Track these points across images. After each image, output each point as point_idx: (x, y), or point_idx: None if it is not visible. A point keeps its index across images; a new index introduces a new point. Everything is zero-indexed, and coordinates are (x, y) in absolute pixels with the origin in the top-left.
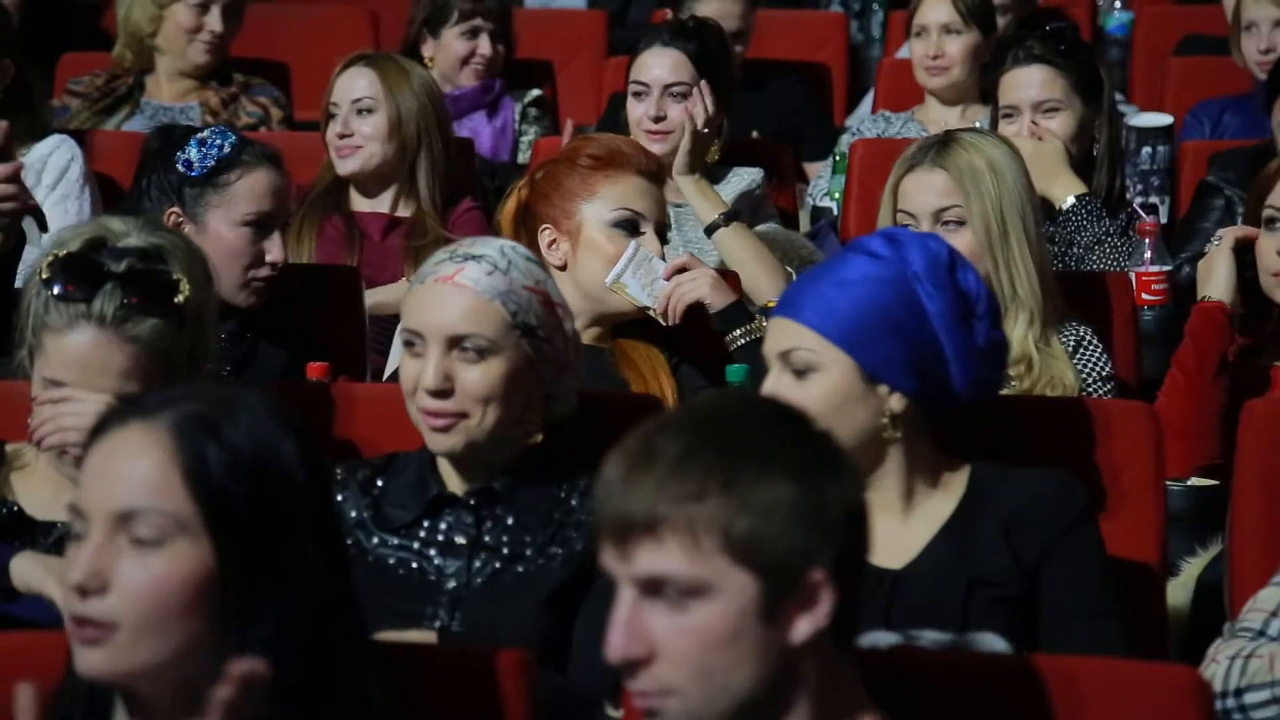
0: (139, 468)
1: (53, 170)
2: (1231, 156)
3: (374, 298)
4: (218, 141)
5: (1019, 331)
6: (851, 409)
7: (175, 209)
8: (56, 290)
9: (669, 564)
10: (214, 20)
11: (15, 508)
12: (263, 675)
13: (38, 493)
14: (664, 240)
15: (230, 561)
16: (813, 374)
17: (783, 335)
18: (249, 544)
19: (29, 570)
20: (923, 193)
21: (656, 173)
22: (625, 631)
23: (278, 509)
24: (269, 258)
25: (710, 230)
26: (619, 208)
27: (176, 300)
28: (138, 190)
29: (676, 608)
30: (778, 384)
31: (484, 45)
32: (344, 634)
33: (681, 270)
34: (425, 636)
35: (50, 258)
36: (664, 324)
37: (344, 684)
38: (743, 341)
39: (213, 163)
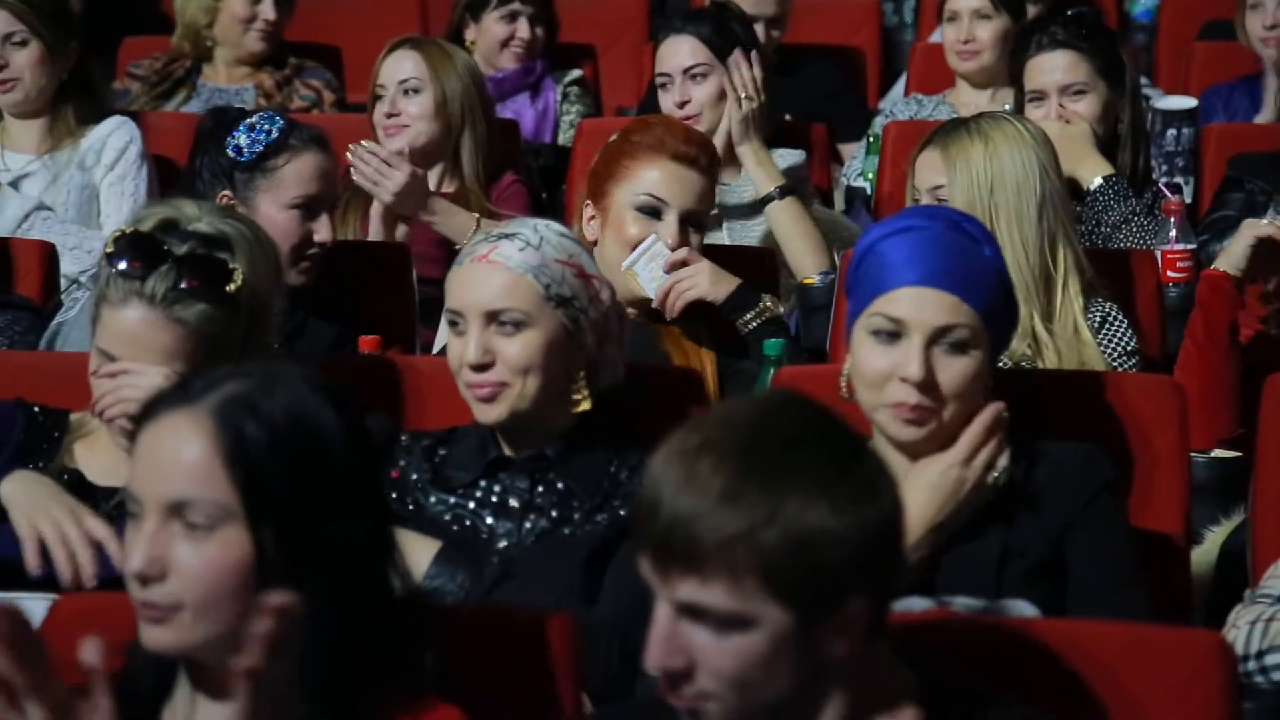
0: (185, 456)
1: (111, 150)
2: (1250, 158)
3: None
4: (266, 127)
5: None
6: (980, 386)
7: (227, 191)
8: (119, 266)
9: (710, 598)
10: (267, 9)
11: (76, 474)
12: (296, 606)
13: (100, 460)
14: (700, 228)
15: (275, 537)
16: (969, 351)
17: (941, 309)
18: (292, 518)
19: (13, 494)
20: (923, 170)
21: (695, 158)
22: (664, 645)
23: (319, 478)
24: (317, 238)
25: (764, 202)
26: (643, 192)
27: (228, 288)
28: (192, 170)
29: (715, 631)
30: (926, 356)
31: (522, 29)
32: (391, 597)
33: (681, 265)
34: (427, 544)
35: (118, 233)
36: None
37: (395, 646)
38: (755, 325)
39: (261, 148)
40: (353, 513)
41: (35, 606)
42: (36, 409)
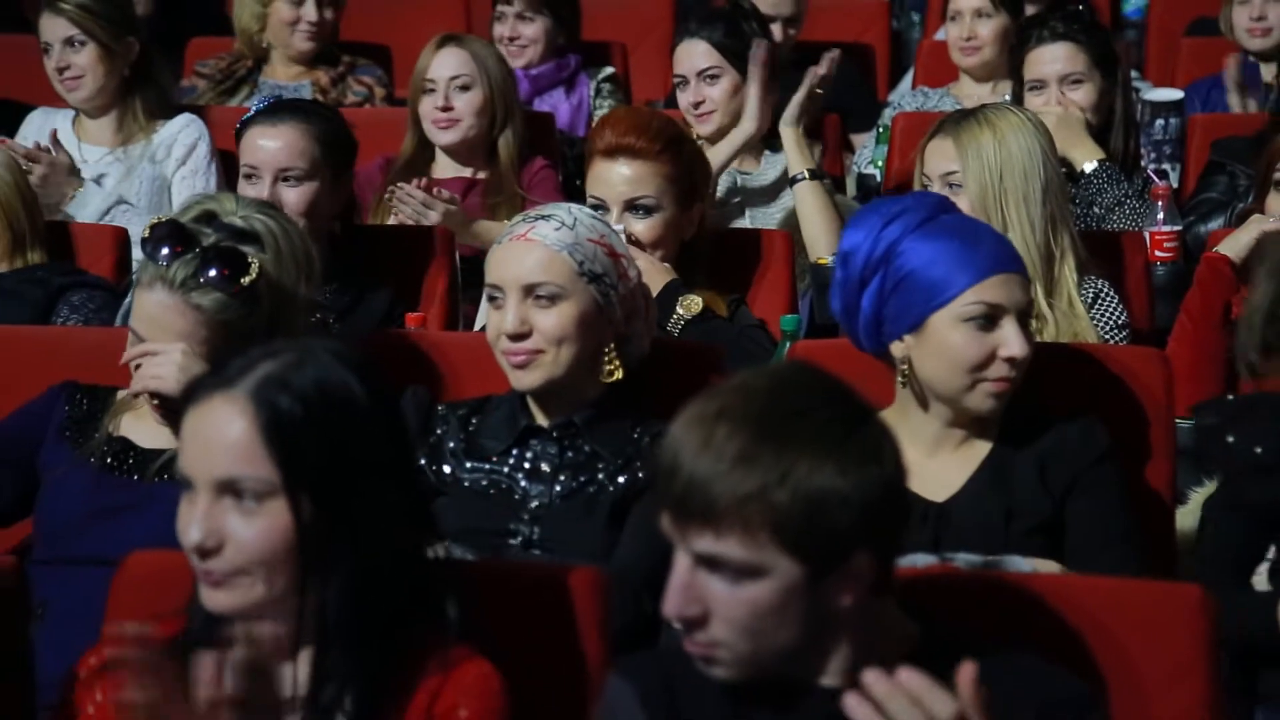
0: (229, 437)
1: (181, 146)
2: (1231, 142)
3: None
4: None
5: None
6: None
7: None
8: (147, 250)
9: (725, 550)
10: (309, 10)
11: (123, 440)
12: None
13: (146, 426)
14: (649, 210)
15: (313, 503)
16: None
17: (1020, 288)
18: (327, 485)
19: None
20: (934, 158)
21: (624, 147)
22: (682, 594)
23: (351, 446)
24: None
25: (794, 181)
26: (589, 194)
27: (244, 280)
28: None
29: (730, 581)
30: (1020, 332)
31: (509, 27)
32: (420, 555)
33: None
34: None
35: (155, 221)
36: None
37: (427, 601)
38: (687, 320)
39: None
40: (383, 476)
41: None
42: (80, 392)
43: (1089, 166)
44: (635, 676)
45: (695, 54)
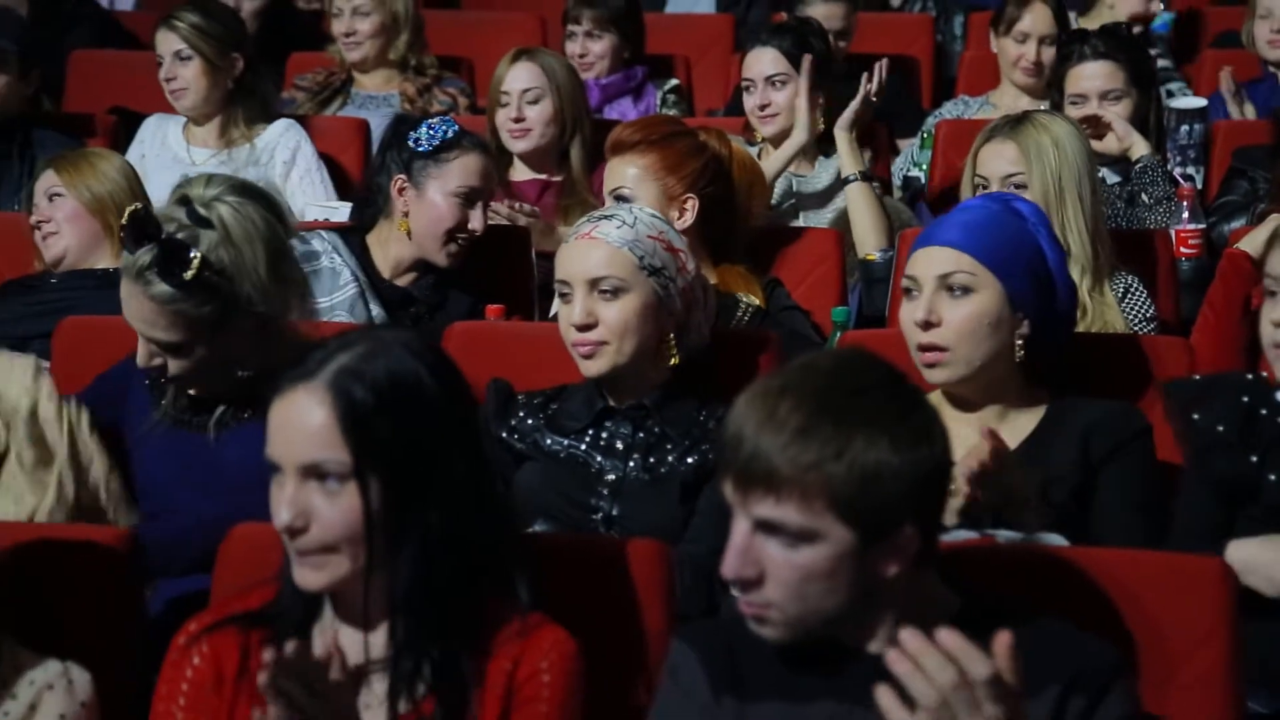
0: (311, 424)
1: (284, 149)
2: (1251, 151)
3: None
4: (443, 127)
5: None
6: (995, 330)
7: (402, 176)
8: (123, 238)
9: (783, 515)
10: (341, 25)
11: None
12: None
13: None
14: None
15: (385, 485)
16: (970, 294)
17: (941, 260)
18: (398, 467)
19: None
20: (995, 160)
21: (625, 143)
22: (740, 556)
23: (419, 429)
24: (470, 225)
25: (846, 181)
26: (609, 191)
27: (186, 275)
28: (379, 161)
29: (786, 545)
30: (934, 302)
31: (579, 45)
32: (490, 528)
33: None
34: None
35: (133, 208)
36: None
37: (500, 572)
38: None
39: (438, 141)
40: (452, 459)
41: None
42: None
43: (1143, 154)
44: (697, 641)
45: (764, 60)
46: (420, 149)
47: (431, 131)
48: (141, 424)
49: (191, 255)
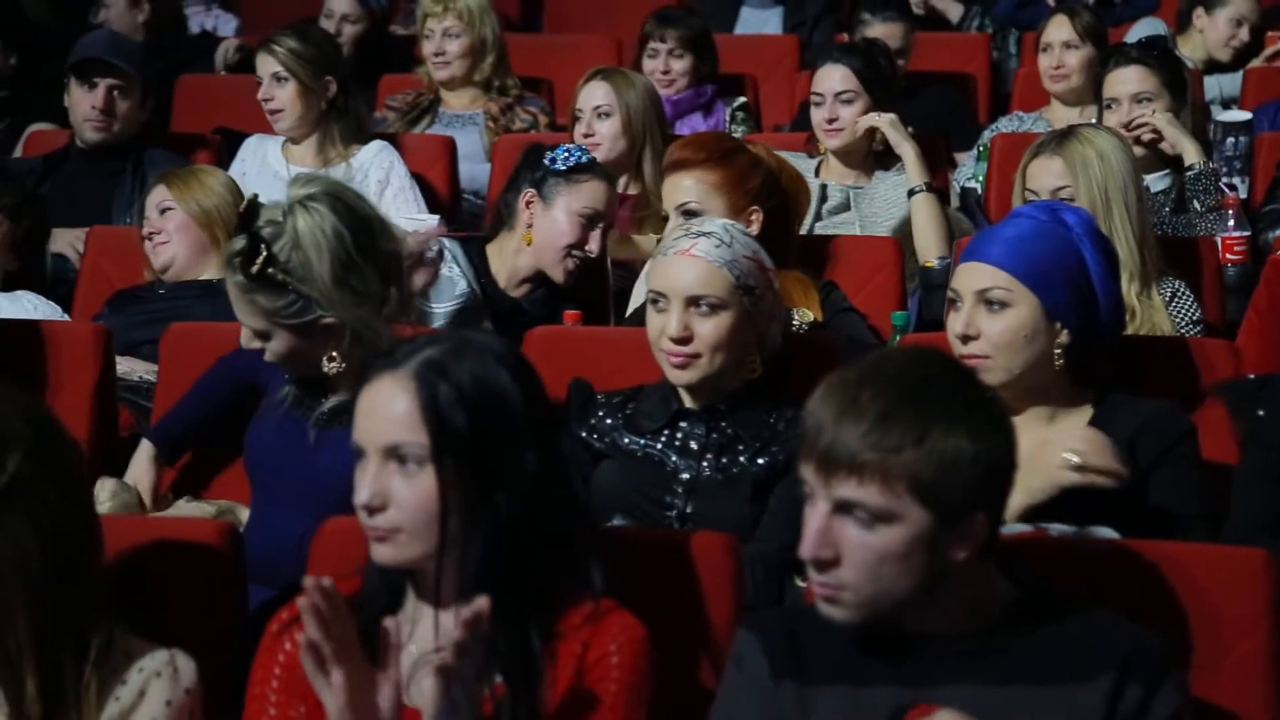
0: (395, 409)
1: (378, 169)
2: None
3: (628, 248)
4: (579, 152)
5: (1122, 286)
6: (1032, 340)
7: (532, 190)
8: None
9: (864, 496)
10: (430, 45)
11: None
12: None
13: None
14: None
15: (457, 474)
16: (1006, 309)
17: (980, 276)
18: (472, 458)
19: None
20: (1043, 175)
21: (683, 161)
22: (818, 537)
23: (496, 427)
24: (588, 246)
25: (913, 192)
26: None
27: (251, 269)
28: (512, 179)
29: (863, 526)
30: (972, 316)
31: (661, 63)
32: (564, 523)
33: None
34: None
35: (252, 196)
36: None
37: (573, 560)
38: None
39: (574, 162)
40: (525, 452)
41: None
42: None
43: (1197, 162)
44: (761, 630)
45: (834, 76)
46: (555, 168)
47: (568, 154)
48: (275, 394)
49: (260, 251)
